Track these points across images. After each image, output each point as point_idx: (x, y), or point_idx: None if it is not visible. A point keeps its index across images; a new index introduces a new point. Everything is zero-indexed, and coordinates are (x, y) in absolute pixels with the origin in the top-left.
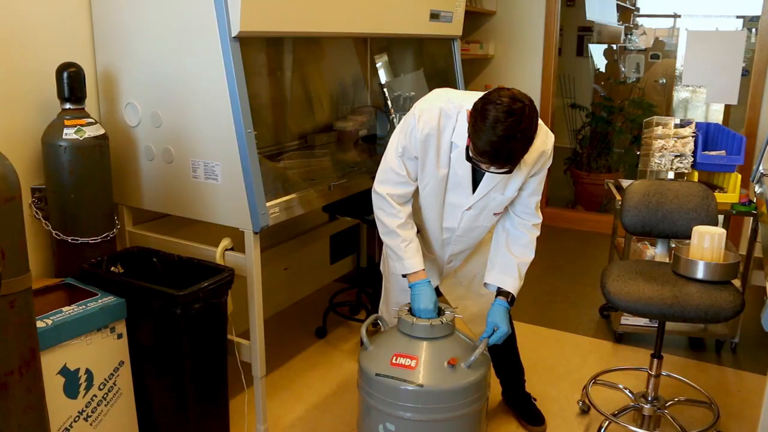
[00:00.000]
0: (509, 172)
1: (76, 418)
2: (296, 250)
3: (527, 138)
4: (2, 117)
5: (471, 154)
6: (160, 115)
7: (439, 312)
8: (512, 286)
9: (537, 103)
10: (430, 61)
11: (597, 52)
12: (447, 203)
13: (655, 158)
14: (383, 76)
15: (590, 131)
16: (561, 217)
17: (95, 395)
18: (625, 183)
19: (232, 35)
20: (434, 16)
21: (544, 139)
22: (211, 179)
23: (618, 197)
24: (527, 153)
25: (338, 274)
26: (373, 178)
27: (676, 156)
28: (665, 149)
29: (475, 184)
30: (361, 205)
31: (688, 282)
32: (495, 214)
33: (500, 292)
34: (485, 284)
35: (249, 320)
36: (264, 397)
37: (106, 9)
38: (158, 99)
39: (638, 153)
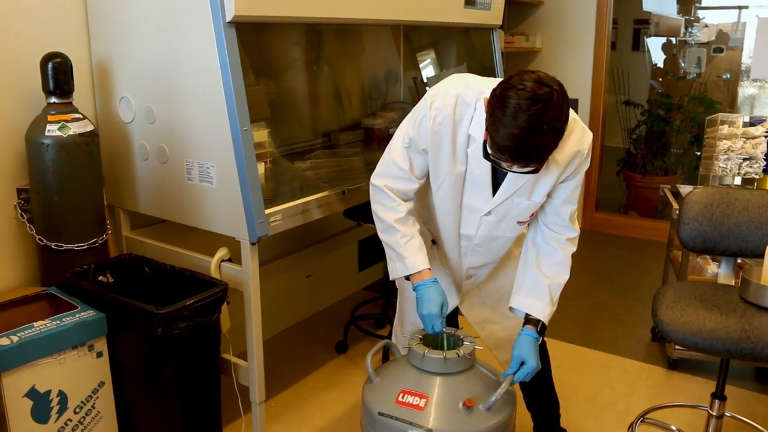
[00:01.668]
0: (535, 171)
1: None
2: (320, 255)
3: (556, 130)
4: None
5: (489, 151)
6: (153, 110)
7: (456, 342)
8: (542, 312)
9: (587, 100)
10: (473, 55)
11: (655, 47)
12: (464, 206)
13: (720, 161)
14: (422, 71)
15: (645, 130)
16: (612, 223)
17: (70, 419)
18: (684, 189)
19: (227, 20)
20: (470, 2)
21: (580, 137)
22: (205, 182)
23: (675, 206)
24: (558, 151)
25: (367, 282)
26: None
27: (744, 159)
28: (732, 151)
29: (496, 185)
30: None
31: (759, 312)
32: (519, 222)
33: (528, 319)
34: (511, 308)
35: (246, 340)
36: (263, 424)
37: None
38: (152, 92)
39: (698, 154)
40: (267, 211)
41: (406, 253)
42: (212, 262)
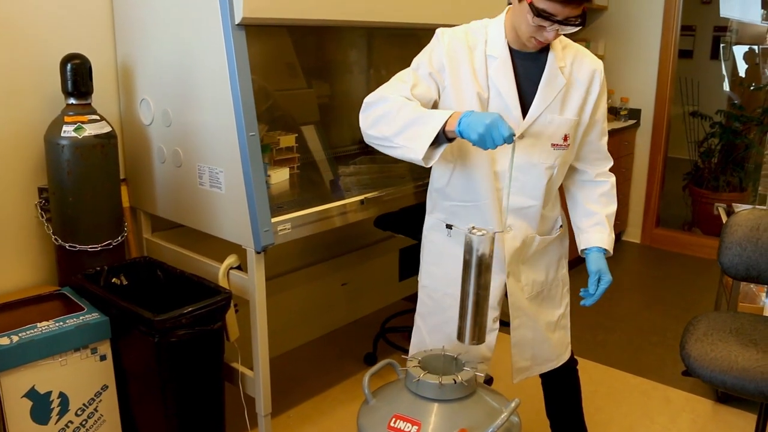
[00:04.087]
0: (582, 23)
1: None
2: (358, 263)
3: None
4: (14, 110)
5: (537, 7)
6: (169, 113)
7: (456, 366)
8: (608, 242)
9: (650, 110)
10: None
11: (738, 55)
12: None
13: None
14: None
15: (717, 144)
16: (673, 241)
17: (71, 421)
18: (740, 208)
19: (236, 22)
20: None
21: (594, 59)
22: (215, 188)
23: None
24: (577, 69)
25: (408, 292)
26: None
27: None
28: None
29: (525, 109)
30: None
31: None
32: (553, 145)
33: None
34: (583, 251)
35: (252, 350)
36: None
37: None
38: (168, 95)
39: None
40: (274, 220)
41: (429, 112)
42: (221, 269)
